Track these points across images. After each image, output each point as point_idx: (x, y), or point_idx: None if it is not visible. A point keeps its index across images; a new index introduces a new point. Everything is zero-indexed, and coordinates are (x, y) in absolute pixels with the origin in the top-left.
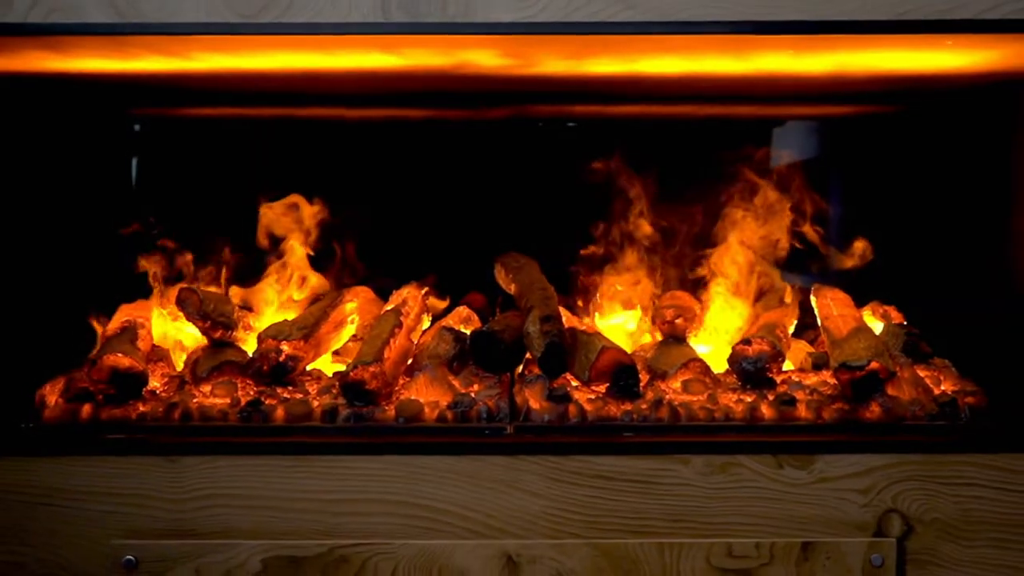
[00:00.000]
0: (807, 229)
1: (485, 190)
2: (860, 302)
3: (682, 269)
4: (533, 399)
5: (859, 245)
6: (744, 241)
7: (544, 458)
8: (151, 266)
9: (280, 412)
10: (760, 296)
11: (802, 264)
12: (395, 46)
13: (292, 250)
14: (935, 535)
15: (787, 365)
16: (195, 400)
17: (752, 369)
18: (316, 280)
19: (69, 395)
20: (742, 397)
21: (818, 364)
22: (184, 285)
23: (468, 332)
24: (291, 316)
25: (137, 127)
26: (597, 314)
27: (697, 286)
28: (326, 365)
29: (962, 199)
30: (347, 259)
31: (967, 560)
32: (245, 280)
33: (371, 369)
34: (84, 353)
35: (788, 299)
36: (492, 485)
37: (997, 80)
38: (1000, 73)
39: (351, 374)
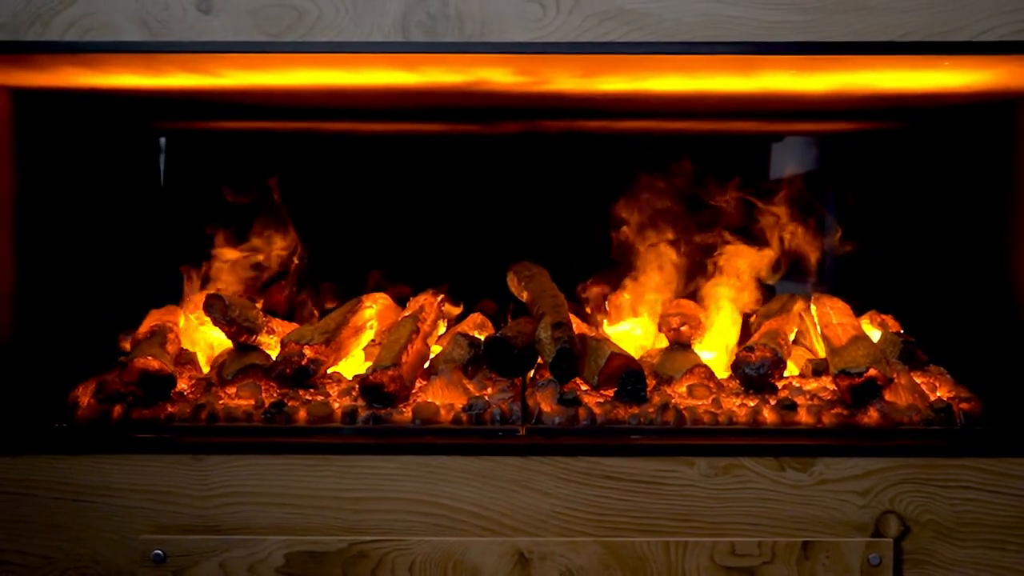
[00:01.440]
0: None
1: (498, 202)
2: (859, 311)
3: (688, 278)
4: (544, 402)
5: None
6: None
7: (555, 459)
8: (186, 272)
9: (302, 413)
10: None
11: (803, 274)
12: (414, 64)
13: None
14: (931, 536)
15: (789, 371)
16: (221, 401)
17: (755, 375)
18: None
19: (101, 396)
20: (745, 402)
21: (818, 370)
22: (211, 291)
23: (482, 338)
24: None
25: (164, 140)
26: (606, 321)
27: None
28: (346, 368)
29: (959, 213)
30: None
31: (962, 560)
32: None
33: (389, 373)
34: (115, 356)
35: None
36: (505, 485)
37: (993, 99)
38: (996, 92)
39: (370, 377)
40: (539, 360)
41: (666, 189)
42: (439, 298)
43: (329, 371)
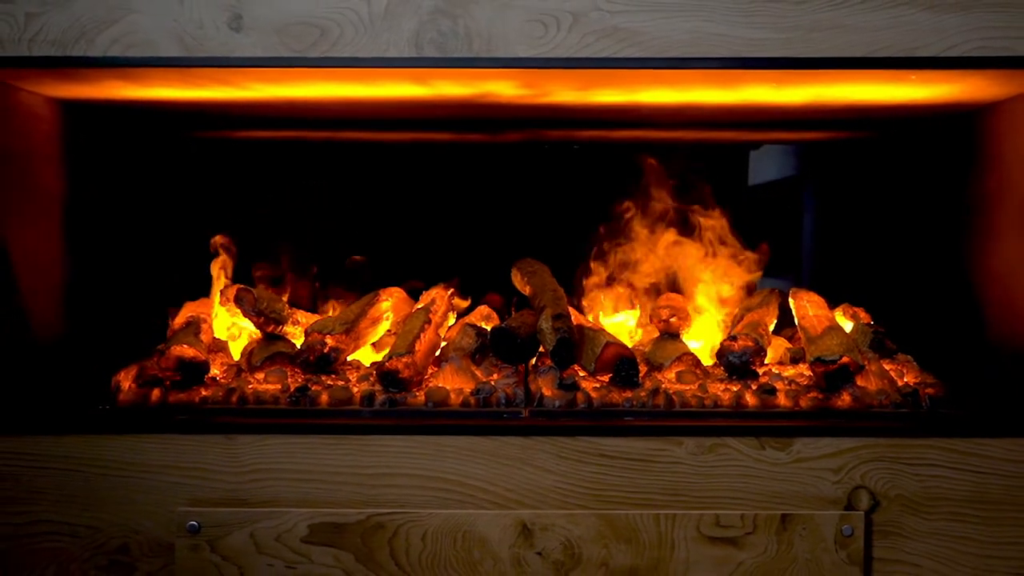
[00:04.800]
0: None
1: (502, 204)
2: (832, 304)
3: (676, 274)
4: (545, 387)
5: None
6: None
7: (555, 439)
8: (215, 269)
9: (324, 397)
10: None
11: (781, 270)
12: (426, 78)
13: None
14: (899, 509)
15: (768, 358)
16: (250, 386)
17: (738, 362)
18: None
19: (140, 381)
20: (729, 387)
21: (795, 358)
22: (241, 286)
23: (488, 328)
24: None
25: (197, 148)
26: (601, 313)
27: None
28: (365, 356)
29: (925, 214)
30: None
31: (927, 531)
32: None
33: (404, 360)
34: (154, 344)
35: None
36: (509, 462)
37: (956, 110)
38: (958, 104)
39: (387, 364)
40: (540, 349)
41: (656, 192)
42: (449, 292)
43: (349, 358)
